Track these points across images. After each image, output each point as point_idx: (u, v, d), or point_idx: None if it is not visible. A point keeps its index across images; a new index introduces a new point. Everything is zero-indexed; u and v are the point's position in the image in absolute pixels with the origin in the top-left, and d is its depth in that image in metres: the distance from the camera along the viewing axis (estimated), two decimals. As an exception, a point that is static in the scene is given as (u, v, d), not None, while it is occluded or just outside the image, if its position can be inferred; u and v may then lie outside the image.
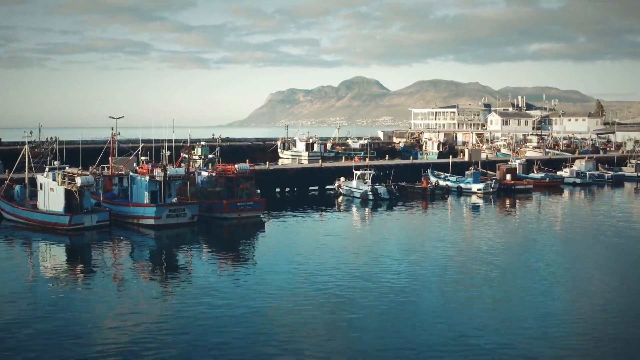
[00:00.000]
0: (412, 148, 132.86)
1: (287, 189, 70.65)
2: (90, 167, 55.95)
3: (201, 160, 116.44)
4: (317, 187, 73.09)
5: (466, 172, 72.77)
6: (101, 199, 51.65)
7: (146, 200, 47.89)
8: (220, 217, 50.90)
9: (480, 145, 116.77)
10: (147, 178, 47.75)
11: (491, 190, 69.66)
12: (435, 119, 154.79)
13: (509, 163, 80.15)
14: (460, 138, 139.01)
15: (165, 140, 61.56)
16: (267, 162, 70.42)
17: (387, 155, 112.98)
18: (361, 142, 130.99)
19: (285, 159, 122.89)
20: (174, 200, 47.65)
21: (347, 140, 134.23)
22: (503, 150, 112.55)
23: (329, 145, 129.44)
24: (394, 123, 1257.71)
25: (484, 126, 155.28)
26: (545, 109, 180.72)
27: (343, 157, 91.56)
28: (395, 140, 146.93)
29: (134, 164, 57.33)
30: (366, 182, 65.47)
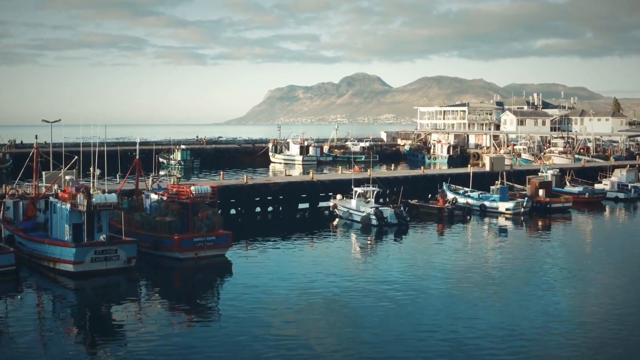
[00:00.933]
0: (418, 151, 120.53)
1: (270, 208, 57.95)
2: (5, 186, 43.64)
3: (177, 169, 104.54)
4: (307, 204, 60.41)
5: (491, 187, 59.98)
6: (17, 229, 39.28)
7: (66, 237, 35.33)
8: (171, 257, 38.39)
9: (498, 149, 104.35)
10: (69, 206, 35.22)
11: (522, 210, 57.27)
12: (444, 119, 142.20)
13: (541, 174, 67.53)
14: (472, 140, 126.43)
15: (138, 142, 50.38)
16: (245, 177, 57.71)
17: (393, 165, 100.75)
18: (362, 144, 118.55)
19: (278, 164, 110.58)
20: (103, 238, 34.91)
21: (347, 143, 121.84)
22: (524, 156, 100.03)
23: (326, 148, 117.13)
24: (397, 121, 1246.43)
25: (498, 127, 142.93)
26: (563, 107, 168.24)
27: (340, 168, 79.53)
28: (399, 142, 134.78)
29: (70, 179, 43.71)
30: (368, 201, 53.07)
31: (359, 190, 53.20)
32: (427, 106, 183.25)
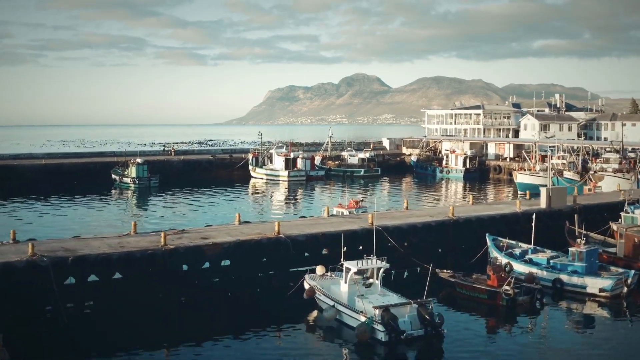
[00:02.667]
0: (428, 163, 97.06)
1: (216, 279, 34.29)
2: None
3: (130, 188, 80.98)
4: (271, 273, 36.64)
5: (571, 250, 36.10)
6: None
7: None
8: None
9: (532, 166, 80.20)
10: None
11: (625, 290, 34.03)
12: (455, 123, 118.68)
13: (626, 215, 43.77)
14: (491, 149, 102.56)
15: None
16: (163, 237, 33.85)
17: (398, 181, 77.31)
18: (361, 155, 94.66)
19: (259, 180, 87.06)
20: None
21: (343, 153, 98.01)
22: (567, 175, 76.10)
23: (318, 160, 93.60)
24: (396, 121, 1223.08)
25: (517, 132, 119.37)
26: (590, 109, 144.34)
27: (332, 180, 56.65)
28: (405, 150, 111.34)
29: None
30: (369, 285, 30.23)
31: (353, 268, 29.88)
32: (429, 107, 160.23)
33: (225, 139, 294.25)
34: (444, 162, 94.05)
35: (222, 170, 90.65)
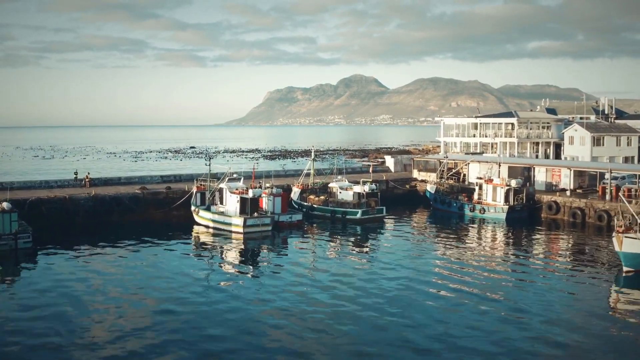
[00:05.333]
0: (452, 197, 66.40)
1: None
2: None
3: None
4: None
5: None
6: None
7: None
8: None
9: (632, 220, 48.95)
10: None
11: None
12: (480, 135, 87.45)
13: None
14: (541, 176, 70.29)
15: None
16: None
17: (409, 218, 46.37)
18: (357, 189, 61.53)
19: (203, 228, 56.04)
20: None
21: (332, 185, 65.21)
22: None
23: (295, 193, 63.01)
24: (393, 121, 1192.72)
25: (558, 147, 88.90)
26: None
27: (314, 227, 27.90)
28: (416, 174, 78.28)
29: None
30: None
31: None
32: (444, 115, 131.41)
33: (213, 144, 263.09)
34: (477, 196, 63.78)
35: (155, 210, 60.21)
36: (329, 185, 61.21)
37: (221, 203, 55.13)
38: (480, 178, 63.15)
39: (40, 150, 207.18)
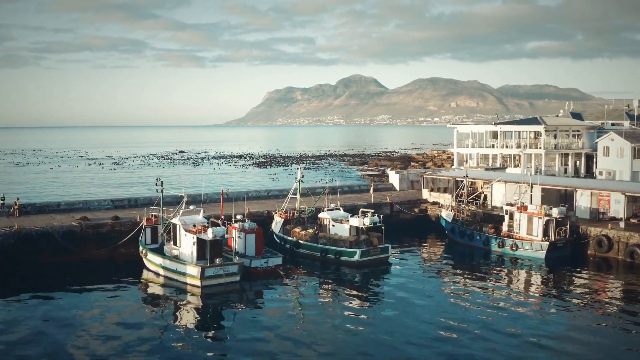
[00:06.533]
0: (474, 228, 52.01)
1: None
2: None
3: None
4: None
5: None
6: None
7: None
8: None
9: None
10: None
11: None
12: (500, 145, 73.07)
13: None
14: (583, 201, 54.86)
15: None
16: None
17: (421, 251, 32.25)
18: (355, 222, 45.34)
19: (153, 275, 41.90)
20: None
21: (323, 216, 47.96)
22: None
23: (277, 224, 48.83)
24: (392, 122, 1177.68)
25: (590, 158, 75.18)
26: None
27: (300, 269, 16.76)
28: (427, 195, 62.15)
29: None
30: None
31: None
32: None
33: (205, 147, 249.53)
34: (506, 227, 50.98)
35: (96, 249, 46.50)
36: (319, 216, 47.17)
37: (175, 244, 41.19)
38: (511, 204, 49.20)
39: (21, 154, 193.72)
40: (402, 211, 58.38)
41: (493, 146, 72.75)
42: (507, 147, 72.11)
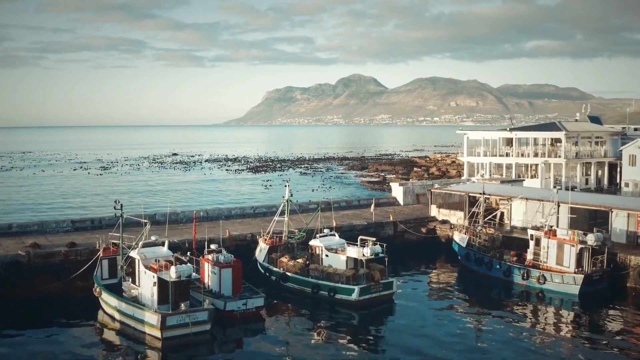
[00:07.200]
0: (494, 255, 44.15)
1: None
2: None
3: None
4: None
5: None
6: None
7: None
8: None
9: None
10: None
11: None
12: (514, 154, 65.96)
13: None
14: (621, 223, 45.62)
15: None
16: None
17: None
18: (352, 252, 36.74)
19: (108, 319, 34.01)
20: None
21: (315, 243, 39.30)
22: None
23: (261, 251, 41.19)
24: (392, 121, 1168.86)
25: (613, 168, 67.60)
26: None
27: (290, 306, 12.90)
28: (435, 212, 54.14)
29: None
30: None
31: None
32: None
33: (199, 149, 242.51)
34: (531, 254, 41.96)
35: (47, 282, 38.98)
36: (311, 243, 39.56)
37: (134, 282, 33.65)
38: (537, 228, 41.62)
39: (9, 157, 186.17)
40: (407, 231, 50.86)
41: (507, 155, 65.09)
42: (523, 155, 64.46)
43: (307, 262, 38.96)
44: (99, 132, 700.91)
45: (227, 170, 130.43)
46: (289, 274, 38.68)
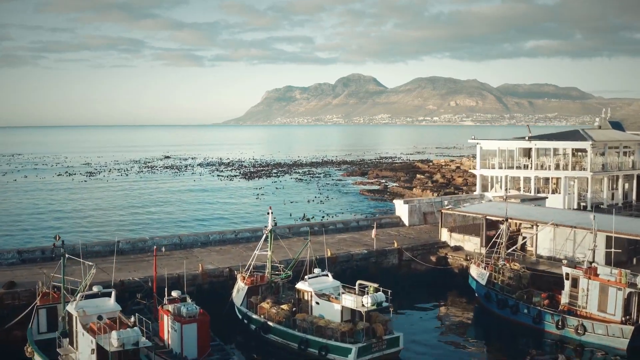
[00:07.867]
0: (520, 297, 36.36)
1: None
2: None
3: None
4: None
5: None
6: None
7: None
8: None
9: None
10: None
11: None
12: (533, 166, 55.81)
13: None
14: None
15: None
16: None
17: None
18: (348, 302, 28.81)
19: None
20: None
21: (302, 286, 30.79)
22: None
23: (239, 292, 33.28)
24: (392, 121, 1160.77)
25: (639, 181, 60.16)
26: None
27: None
28: (446, 236, 45.17)
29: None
30: None
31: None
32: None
33: (193, 152, 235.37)
34: (566, 297, 33.76)
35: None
36: (298, 287, 31.96)
37: (71, 343, 26.23)
38: (575, 265, 34.20)
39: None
40: (414, 259, 43.32)
41: (526, 167, 57.60)
42: (543, 167, 57.01)
43: (294, 308, 31.51)
44: (97, 132, 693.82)
45: (218, 176, 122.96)
46: (271, 323, 31.16)
